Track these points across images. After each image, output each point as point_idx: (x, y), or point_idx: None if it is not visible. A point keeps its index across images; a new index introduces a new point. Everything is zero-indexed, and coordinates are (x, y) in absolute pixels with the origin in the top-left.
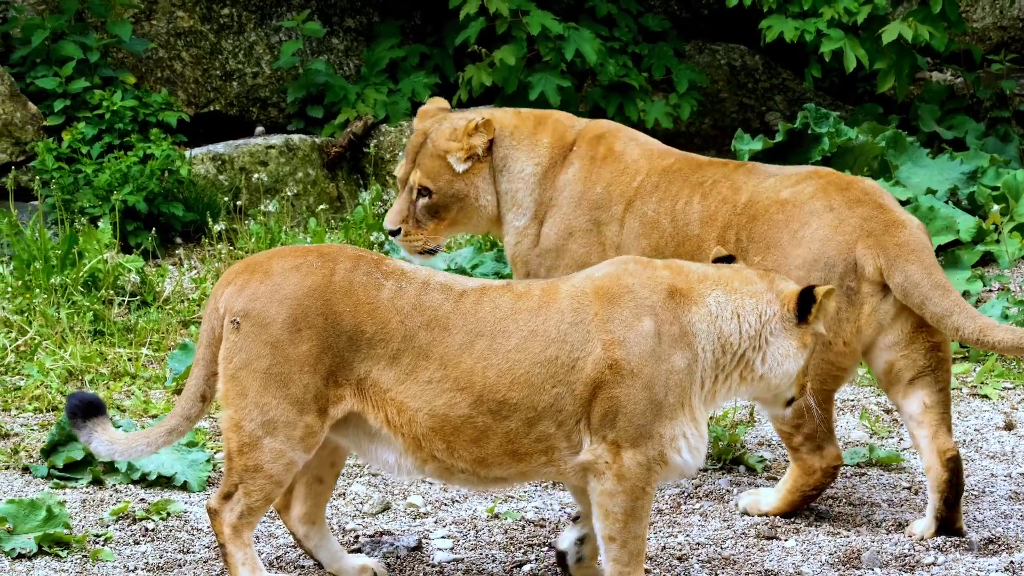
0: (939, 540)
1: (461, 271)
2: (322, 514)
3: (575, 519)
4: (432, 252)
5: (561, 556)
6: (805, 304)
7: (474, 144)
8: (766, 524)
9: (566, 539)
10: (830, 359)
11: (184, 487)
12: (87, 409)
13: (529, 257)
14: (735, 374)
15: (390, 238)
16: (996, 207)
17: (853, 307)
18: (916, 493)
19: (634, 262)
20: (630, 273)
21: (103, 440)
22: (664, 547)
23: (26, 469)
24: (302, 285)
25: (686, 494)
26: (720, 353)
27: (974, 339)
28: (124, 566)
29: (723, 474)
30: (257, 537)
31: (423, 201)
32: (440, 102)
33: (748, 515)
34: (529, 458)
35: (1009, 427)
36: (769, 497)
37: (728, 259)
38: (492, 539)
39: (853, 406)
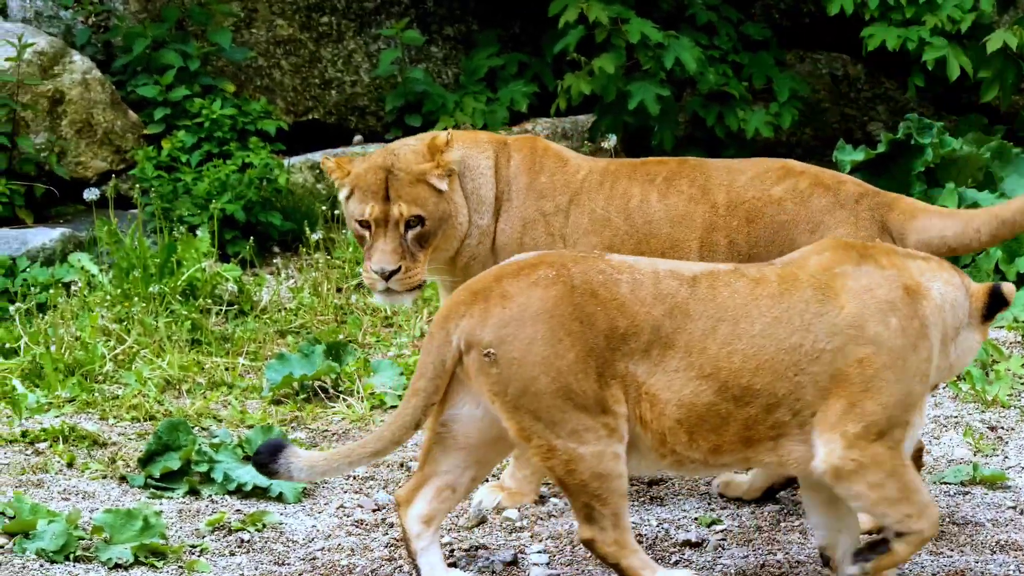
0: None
1: None
2: (440, 521)
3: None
4: (420, 287)
5: None
6: (994, 303)
7: (448, 159)
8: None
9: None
10: None
11: (279, 498)
12: (272, 451)
13: (487, 259)
14: (941, 363)
15: (373, 284)
16: None
17: None
18: (1022, 513)
19: (854, 251)
20: (862, 269)
21: (302, 466)
22: (763, 565)
23: (123, 479)
24: (548, 297)
25: (786, 511)
26: (941, 343)
27: (1000, 221)
28: None
29: None
30: (352, 549)
31: (414, 232)
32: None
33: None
34: (759, 445)
35: None
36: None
37: None
38: (588, 554)
39: (956, 423)
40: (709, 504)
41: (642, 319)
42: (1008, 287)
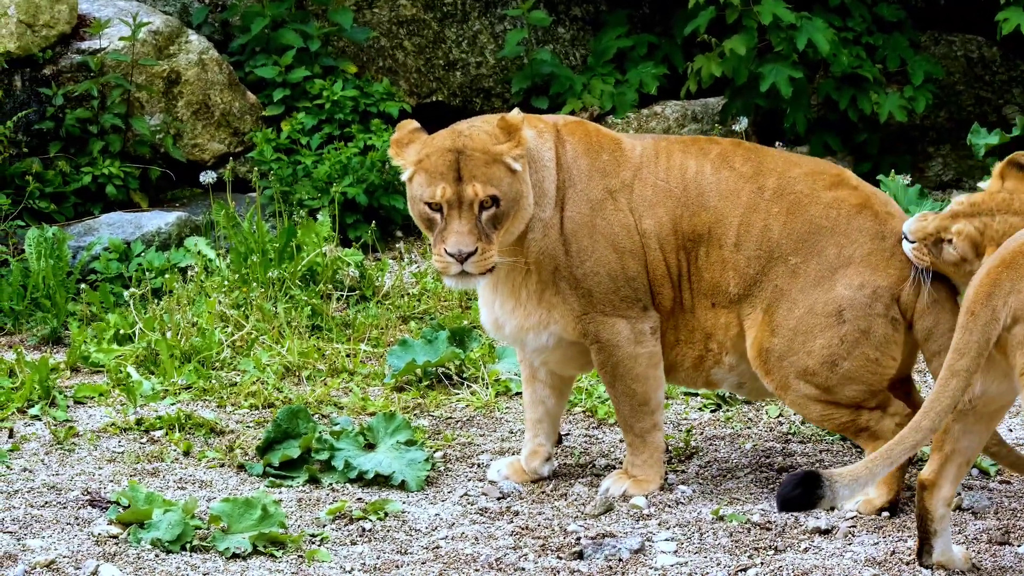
0: None
1: None
2: (953, 496)
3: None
4: (492, 270)
5: None
6: None
7: (523, 139)
8: (998, 529)
9: None
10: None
11: (402, 486)
12: (798, 483)
13: (556, 250)
14: None
15: (446, 268)
16: None
17: (897, 333)
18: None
19: None
20: None
21: (844, 485)
22: (894, 552)
23: (241, 467)
24: None
25: (912, 496)
26: None
27: None
28: (340, 567)
29: None
30: (476, 538)
31: (488, 213)
32: (412, 124)
33: (860, 515)
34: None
35: None
36: (871, 491)
37: None
38: (717, 542)
39: (1017, 409)
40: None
41: None
42: None
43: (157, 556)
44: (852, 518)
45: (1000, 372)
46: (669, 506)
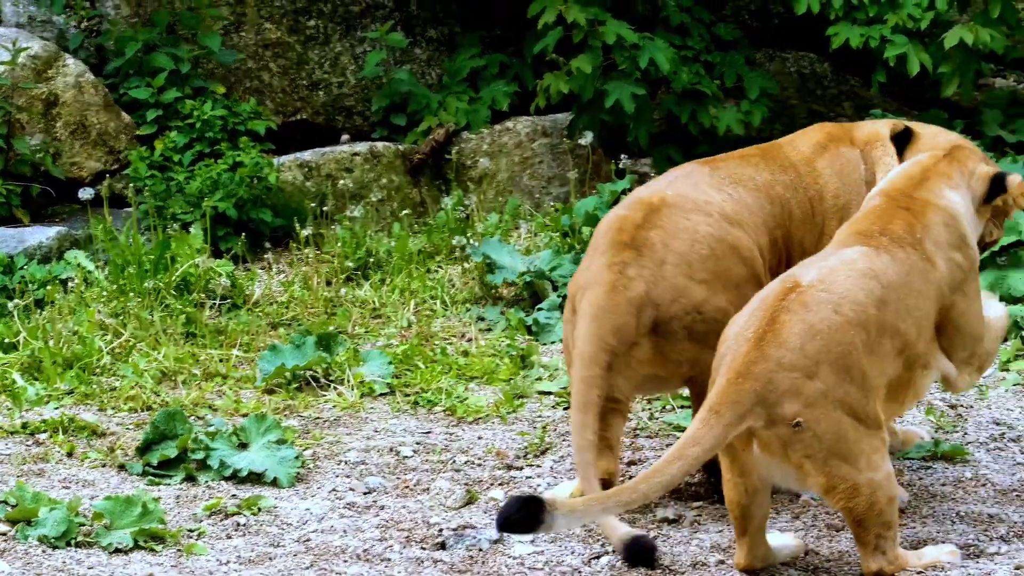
0: (1002, 530)
1: (540, 274)
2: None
3: None
4: None
5: None
6: None
7: None
8: (835, 517)
9: None
10: None
11: (274, 483)
12: (530, 508)
13: None
14: None
15: None
16: None
17: None
18: (983, 485)
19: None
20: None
21: (575, 516)
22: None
23: (122, 467)
24: (819, 347)
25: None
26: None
27: None
28: (217, 559)
29: None
30: (344, 531)
31: None
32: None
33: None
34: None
35: None
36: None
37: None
38: (571, 532)
39: (919, 401)
40: (686, 482)
41: (870, 323)
42: None
43: (44, 552)
44: (698, 507)
45: (772, 470)
46: None
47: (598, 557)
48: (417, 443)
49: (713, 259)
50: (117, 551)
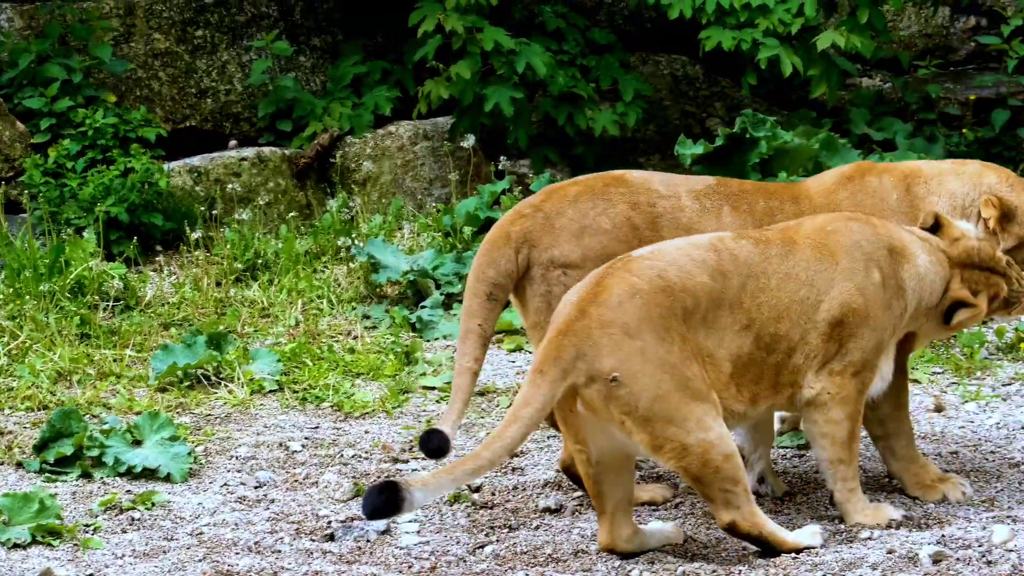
0: None
1: (423, 273)
2: (629, 519)
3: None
4: None
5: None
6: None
7: None
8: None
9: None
10: None
11: (168, 479)
12: (390, 492)
13: None
14: (912, 323)
15: None
16: None
17: None
18: None
19: (858, 223)
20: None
21: (429, 490)
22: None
23: (19, 464)
24: (638, 307)
25: (639, 478)
26: (916, 307)
27: None
28: (113, 553)
29: None
30: (236, 524)
31: None
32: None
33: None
34: (781, 392)
35: (939, 409)
36: None
37: (934, 228)
38: (456, 522)
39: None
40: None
41: (699, 289)
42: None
43: None
44: (579, 496)
45: (599, 430)
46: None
47: (483, 546)
48: (306, 438)
49: (608, 236)
50: (16, 546)
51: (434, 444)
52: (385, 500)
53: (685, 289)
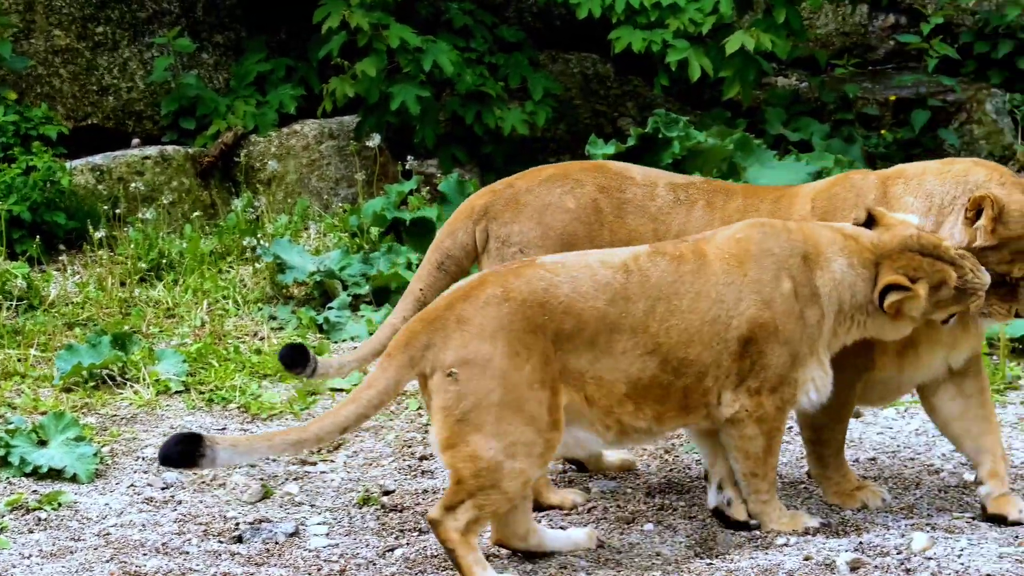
0: None
1: (330, 274)
2: (528, 520)
3: (706, 477)
4: None
5: (717, 512)
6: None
7: None
8: (625, 511)
9: (711, 496)
10: None
11: (74, 479)
12: (190, 442)
13: None
14: (852, 327)
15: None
16: None
17: None
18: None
19: (771, 229)
20: (765, 235)
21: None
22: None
23: None
24: (502, 314)
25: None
26: (839, 312)
27: None
28: (20, 553)
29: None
30: (143, 525)
31: None
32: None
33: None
34: (693, 413)
35: (856, 415)
36: None
37: (868, 223)
38: (365, 525)
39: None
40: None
41: (588, 315)
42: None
43: None
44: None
45: None
46: (320, 493)
47: (392, 549)
48: None
49: (570, 215)
50: None
51: (286, 354)
52: (180, 451)
53: (569, 311)
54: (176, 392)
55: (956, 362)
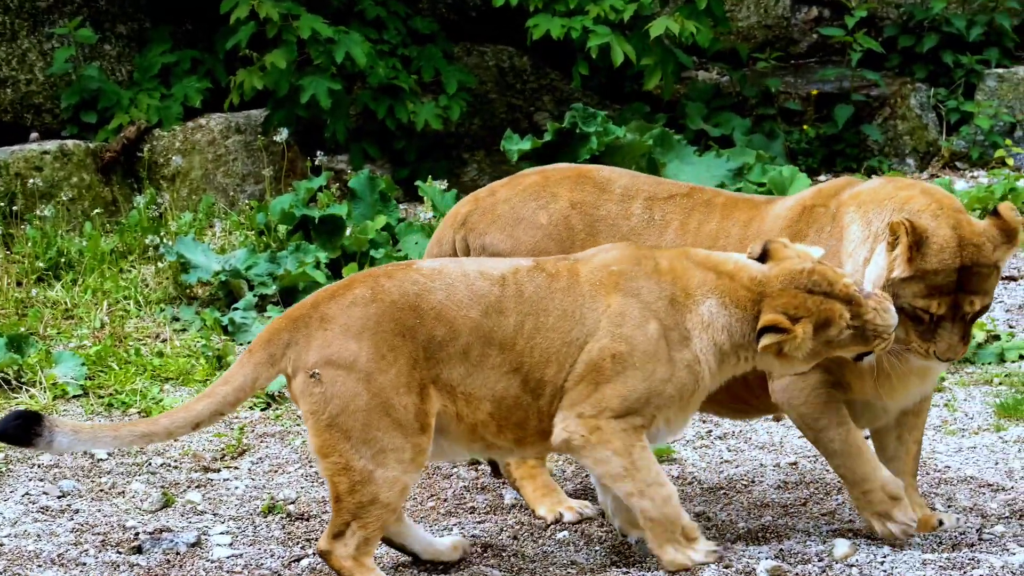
0: (711, 529)
1: (235, 273)
2: (402, 511)
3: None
4: None
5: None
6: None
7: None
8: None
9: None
10: None
11: None
12: (28, 420)
13: None
14: (740, 362)
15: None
16: None
17: None
18: (689, 483)
19: (641, 261)
20: (637, 273)
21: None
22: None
23: None
24: (369, 315)
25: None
26: (718, 351)
27: None
28: None
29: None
30: (38, 535)
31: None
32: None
33: None
34: (550, 436)
35: (777, 419)
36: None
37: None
38: (270, 534)
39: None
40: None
41: (460, 323)
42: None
43: None
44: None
45: None
46: (223, 501)
47: (298, 560)
48: None
49: (542, 232)
50: None
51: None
52: (16, 428)
53: (441, 318)
54: (74, 396)
55: (925, 392)
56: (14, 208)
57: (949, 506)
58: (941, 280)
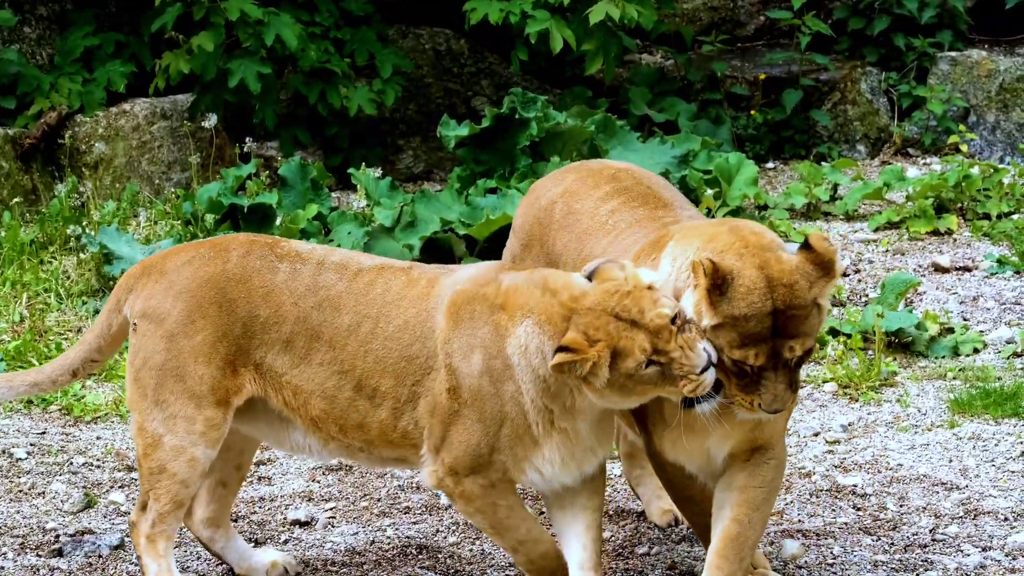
0: (653, 531)
1: None
2: (227, 517)
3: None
4: None
5: None
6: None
7: (838, 272)
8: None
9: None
10: None
11: None
12: None
13: None
14: (566, 398)
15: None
16: (709, 191)
17: None
18: (627, 485)
19: (486, 282)
20: (479, 296)
21: None
22: (373, 541)
23: None
24: (196, 277)
25: (399, 488)
26: (537, 379)
27: None
28: None
29: None
30: None
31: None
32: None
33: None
34: (403, 449)
35: None
36: None
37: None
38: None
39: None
40: (316, 482)
41: (287, 309)
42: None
43: None
44: (331, 509)
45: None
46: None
47: (225, 561)
48: (31, 444)
49: (515, 236)
50: None
51: None
52: None
53: (269, 300)
54: None
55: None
56: None
57: (902, 506)
58: (754, 327)
